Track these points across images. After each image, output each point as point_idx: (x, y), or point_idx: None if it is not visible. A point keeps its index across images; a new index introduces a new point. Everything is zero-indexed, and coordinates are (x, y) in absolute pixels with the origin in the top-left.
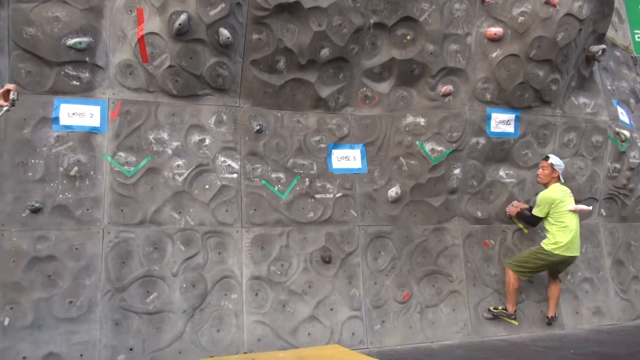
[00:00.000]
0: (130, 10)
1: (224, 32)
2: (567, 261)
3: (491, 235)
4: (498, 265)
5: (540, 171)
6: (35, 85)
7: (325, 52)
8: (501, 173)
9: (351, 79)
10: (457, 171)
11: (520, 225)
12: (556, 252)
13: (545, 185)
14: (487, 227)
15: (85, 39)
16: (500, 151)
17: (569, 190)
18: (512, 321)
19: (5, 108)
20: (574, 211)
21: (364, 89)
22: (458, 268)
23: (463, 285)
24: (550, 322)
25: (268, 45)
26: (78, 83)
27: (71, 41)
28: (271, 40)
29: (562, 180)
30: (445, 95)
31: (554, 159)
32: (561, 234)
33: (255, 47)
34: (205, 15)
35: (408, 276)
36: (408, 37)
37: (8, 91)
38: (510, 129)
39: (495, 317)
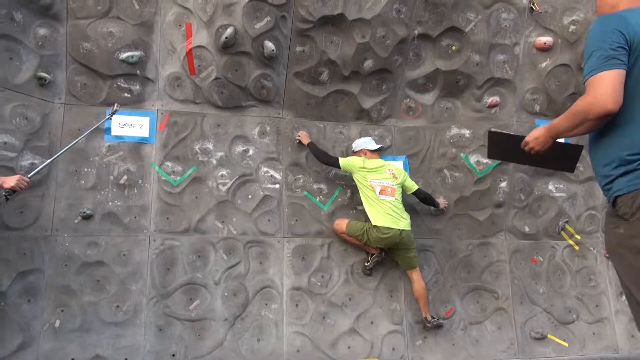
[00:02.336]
0: (180, 25)
1: (269, 45)
2: (391, 240)
3: (539, 252)
4: (547, 283)
5: None
6: (89, 97)
7: (368, 64)
8: (550, 187)
9: (394, 90)
10: (503, 184)
11: (571, 242)
12: (375, 226)
13: None
14: (535, 243)
15: (137, 53)
16: None
17: (389, 168)
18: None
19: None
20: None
21: (407, 100)
22: (504, 285)
23: (509, 303)
24: (425, 325)
25: (312, 57)
26: (129, 95)
27: (124, 55)
28: (315, 52)
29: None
30: (492, 106)
31: (353, 144)
32: (370, 208)
33: (299, 59)
34: (250, 28)
35: (451, 291)
36: (453, 48)
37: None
38: (560, 141)
39: (371, 271)
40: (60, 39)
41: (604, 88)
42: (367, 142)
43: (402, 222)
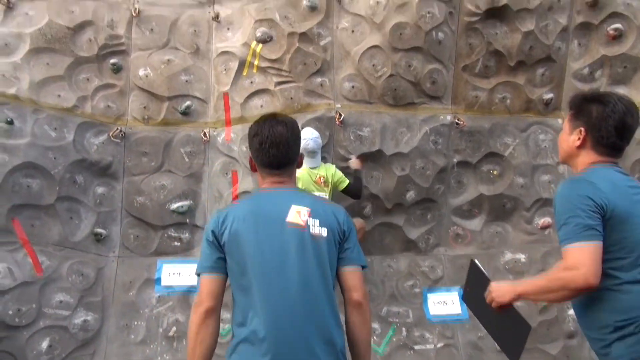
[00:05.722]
0: (226, 173)
1: None
2: None
3: None
4: None
5: None
6: (141, 248)
7: (410, 195)
8: None
9: (440, 219)
10: (572, 312)
11: None
12: None
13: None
14: None
15: (186, 203)
16: None
17: (320, 175)
18: None
19: None
20: None
21: (455, 227)
22: None
23: None
24: None
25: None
26: (179, 244)
27: (174, 205)
28: None
29: (315, 165)
30: (545, 227)
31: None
32: None
33: (342, 196)
34: None
35: None
36: (494, 173)
37: None
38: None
39: None
40: (116, 196)
41: (586, 262)
42: (304, 147)
43: None
